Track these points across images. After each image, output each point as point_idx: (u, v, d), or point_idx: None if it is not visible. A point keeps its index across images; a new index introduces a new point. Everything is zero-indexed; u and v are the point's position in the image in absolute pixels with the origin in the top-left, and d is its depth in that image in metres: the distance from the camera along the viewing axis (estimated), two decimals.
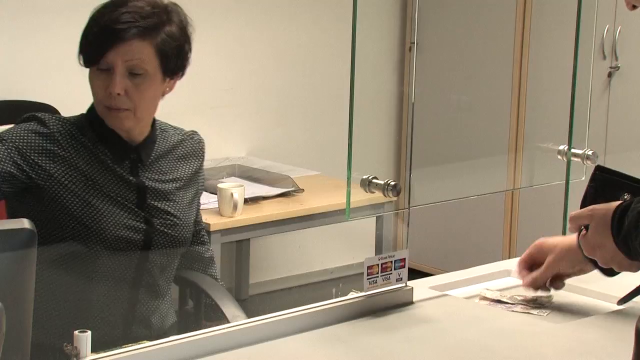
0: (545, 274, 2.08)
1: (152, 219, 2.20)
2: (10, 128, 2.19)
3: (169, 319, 2.32)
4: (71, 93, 4.15)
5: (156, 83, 2.18)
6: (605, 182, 1.75)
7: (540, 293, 2.11)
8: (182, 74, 2.24)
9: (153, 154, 2.25)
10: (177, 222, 2.24)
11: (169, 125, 2.34)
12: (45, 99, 4.00)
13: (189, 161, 2.32)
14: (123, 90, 2.13)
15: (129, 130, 2.20)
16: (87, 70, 2.20)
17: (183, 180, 2.29)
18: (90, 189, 2.14)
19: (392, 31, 5.15)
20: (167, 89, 2.23)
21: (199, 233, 2.41)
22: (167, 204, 2.24)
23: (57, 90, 4.08)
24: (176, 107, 4.22)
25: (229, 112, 4.65)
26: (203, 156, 2.37)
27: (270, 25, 4.72)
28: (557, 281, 2.08)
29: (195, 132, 2.40)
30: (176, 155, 2.30)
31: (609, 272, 1.82)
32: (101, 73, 2.14)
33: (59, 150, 2.13)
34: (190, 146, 2.34)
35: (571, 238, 2.03)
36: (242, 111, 4.70)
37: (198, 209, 2.40)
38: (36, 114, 2.18)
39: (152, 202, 2.22)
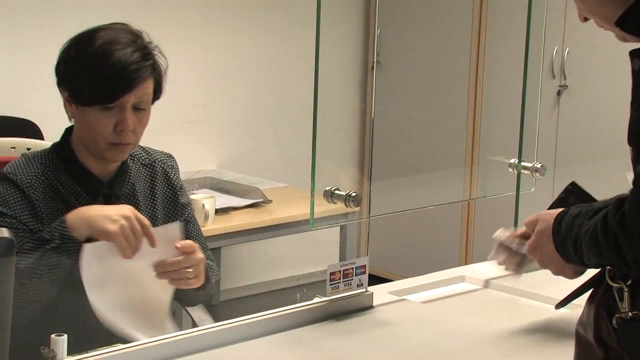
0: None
1: None
2: None
3: None
4: (52, 109, 4.14)
5: (150, 113, 2.13)
6: (573, 196, 1.74)
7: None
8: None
9: (125, 185, 2.16)
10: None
11: (140, 147, 2.24)
12: (27, 115, 3.98)
13: (162, 184, 2.23)
14: (133, 126, 2.08)
15: (108, 165, 2.13)
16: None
17: (157, 205, 2.21)
18: None
19: (356, 50, 5.17)
20: None
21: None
22: None
23: (39, 107, 4.05)
24: (151, 123, 4.23)
25: (201, 127, 4.65)
26: (177, 181, 2.26)
27: (239, 44, 4.73)
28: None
29: (170, 156, 2.30)
30: (148, 181, 2.21)
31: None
32: (107, 111, 2.05)
33: (30, 206, 2.04)
34: (162, 171, 2.25)
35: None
36: (214, 126, 4.70)
37: (192, 230, 2.28)
38: (7, 174, 2.06)
39: None
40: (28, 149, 2.57)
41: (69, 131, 2.16)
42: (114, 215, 1.93)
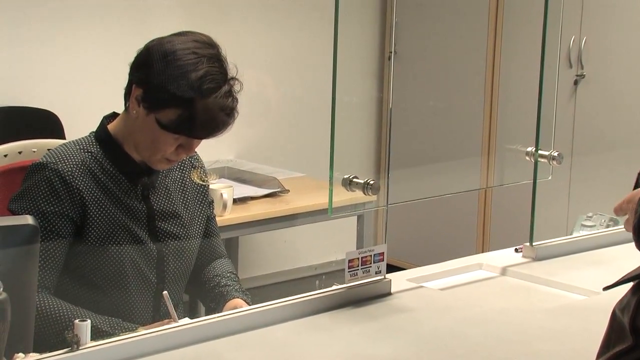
0: None
1: (159, 241, 2.16)
2: (28, 185, 2.08)
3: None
4: (71, 99, 4.17)
5: None
6: None
7: None
8: None
9: (160, 175, 2.21)
10: (184, 243, 2.21)
11: None
12: (46, 105, 4.01)
13: (191, 178, 2.29)
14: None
15: None
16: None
17: (187, 196, 2.26)
18: (109, 223, 2.11)
19: (373, 40, 5.18)
20: None
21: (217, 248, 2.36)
22: (174, 223, 2.20)
23: (58, 97, 4.08)
24: None
25: None
26: (206, 179, 2.33)
27: (257, 35, 4.74)
28: None
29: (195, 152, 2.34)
30: (178, 173, 2.27)
31: None
32: (177, 133, 2.10)
33: (73, 195, 2.08)
34: (190, 165, 2.31)
35: None
36: None
37: (213, 227, 2.34)
38: (48, 163, 2.08)
39: (160, 224, 2.18)
40: (49, 149, 2.57)
41: (107, 118, 2.18)
42: None
